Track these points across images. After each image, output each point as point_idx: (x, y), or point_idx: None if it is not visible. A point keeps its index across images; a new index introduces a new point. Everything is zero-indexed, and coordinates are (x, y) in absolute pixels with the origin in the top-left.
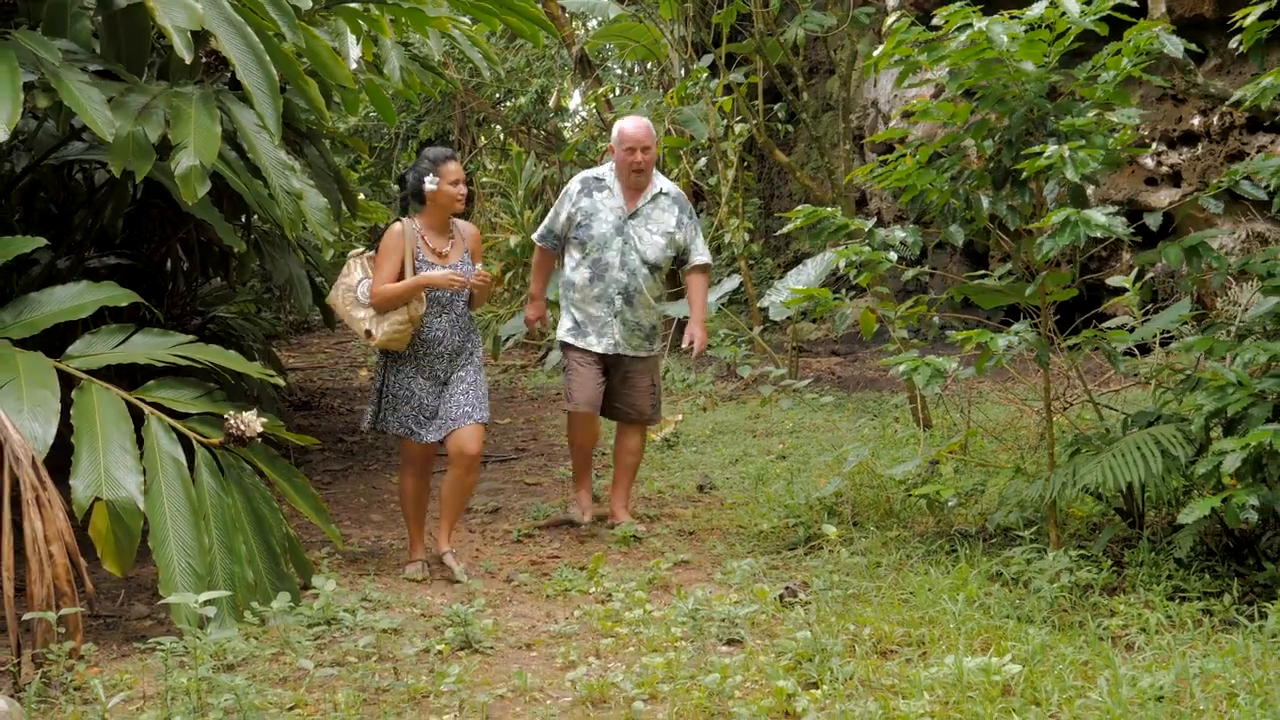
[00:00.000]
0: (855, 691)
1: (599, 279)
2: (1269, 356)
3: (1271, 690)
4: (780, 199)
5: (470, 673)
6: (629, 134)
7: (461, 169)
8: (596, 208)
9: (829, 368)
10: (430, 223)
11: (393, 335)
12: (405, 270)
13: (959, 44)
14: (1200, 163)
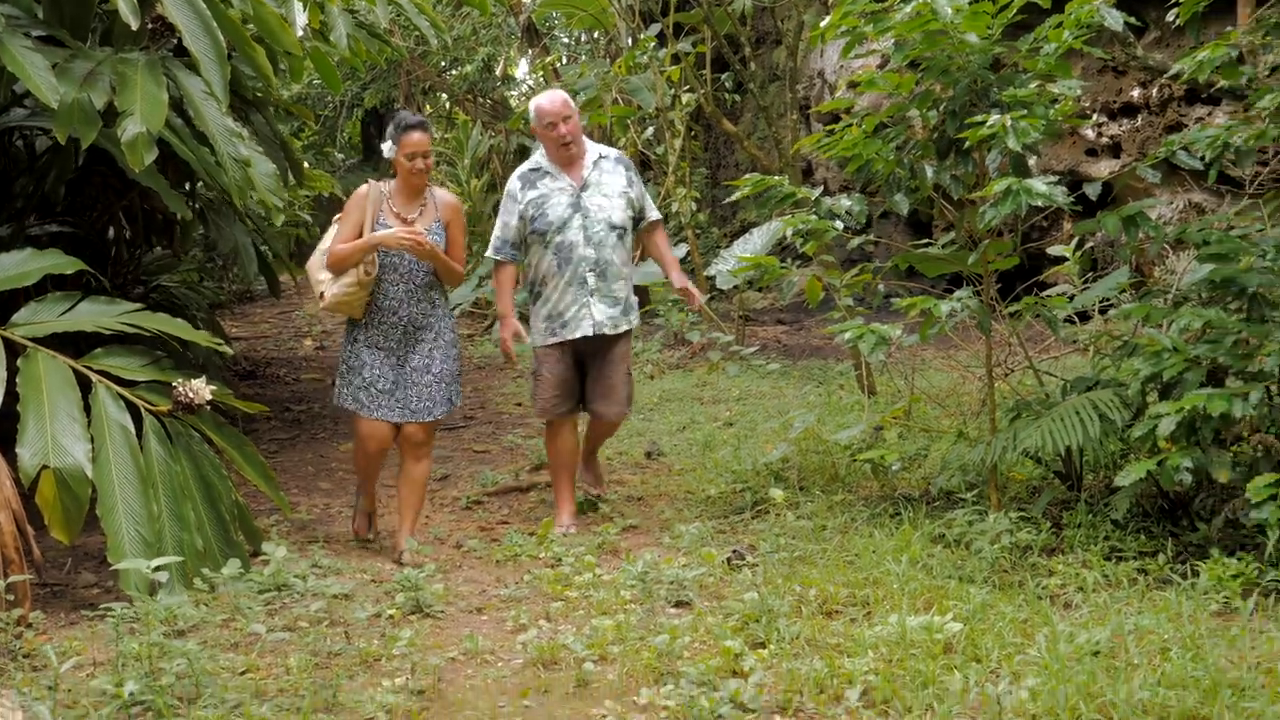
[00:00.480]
0: (802, 651)
1: (566, 262)
2: (1204, 323)
3: (1203, 644)
4: (726, 168)
5: (421, 636)
6: (545, 109)
7: (427, 139)
8: (545, 195)
9: (775, 336)
10: (399, 188)
11: (341, 299)
12: (365, 232)
13: (904, 15)
14: (1140, 134)
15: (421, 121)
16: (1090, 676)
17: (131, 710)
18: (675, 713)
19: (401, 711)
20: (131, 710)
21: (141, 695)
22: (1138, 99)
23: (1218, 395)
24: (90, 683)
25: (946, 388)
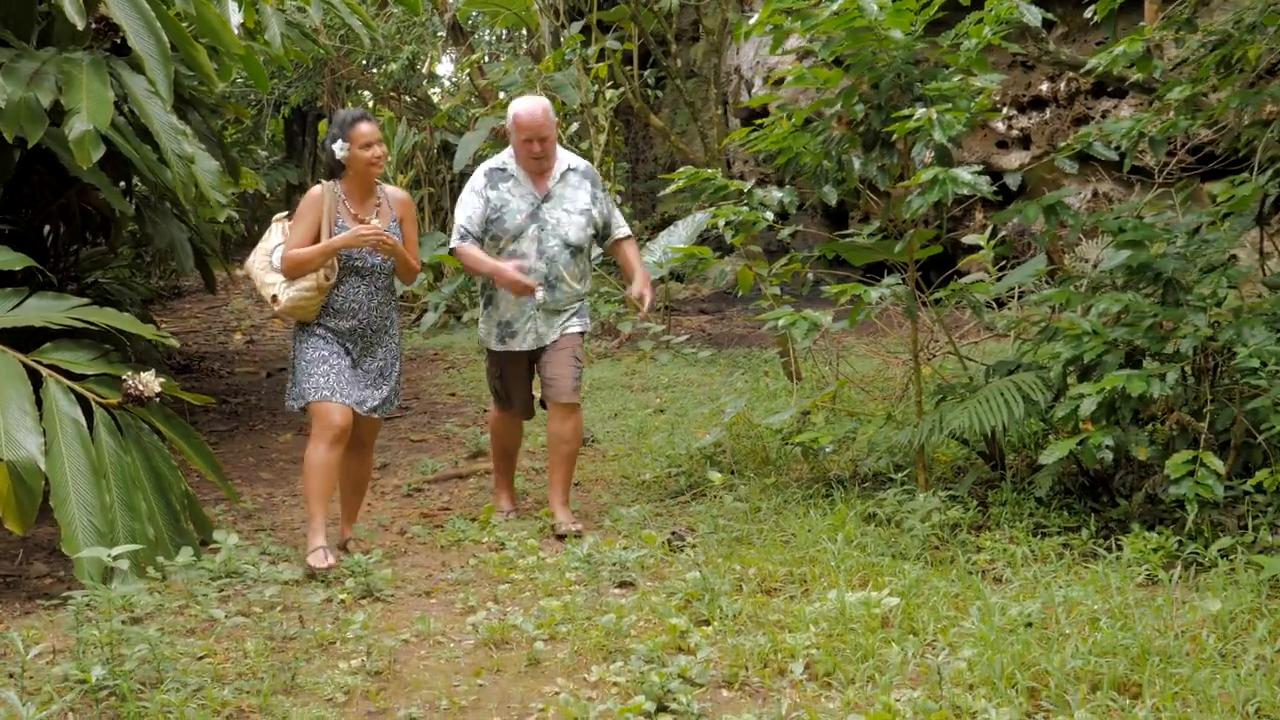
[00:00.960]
0: (744, 627)
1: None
2: (1121, 307)
3: (1130, 614)
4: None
5: (374, 620)
6: (525, 122)
7: (376, 129)
8: (505, 199)
9: (699, 325)
10: (352, 188)
11: (298, 303)
12: (322, 236)
13: (830, 13)
14: (1048, 126)
15: (365, 113)
16: (1024, 646)
17: (97, 695)
18: (626, 688)
19: (359, 692)
20: (97, 695)
21: (105, 680)
22: (1046, 93)
23: (1136, 376)
24: (52, 669)
25: (869, 373)
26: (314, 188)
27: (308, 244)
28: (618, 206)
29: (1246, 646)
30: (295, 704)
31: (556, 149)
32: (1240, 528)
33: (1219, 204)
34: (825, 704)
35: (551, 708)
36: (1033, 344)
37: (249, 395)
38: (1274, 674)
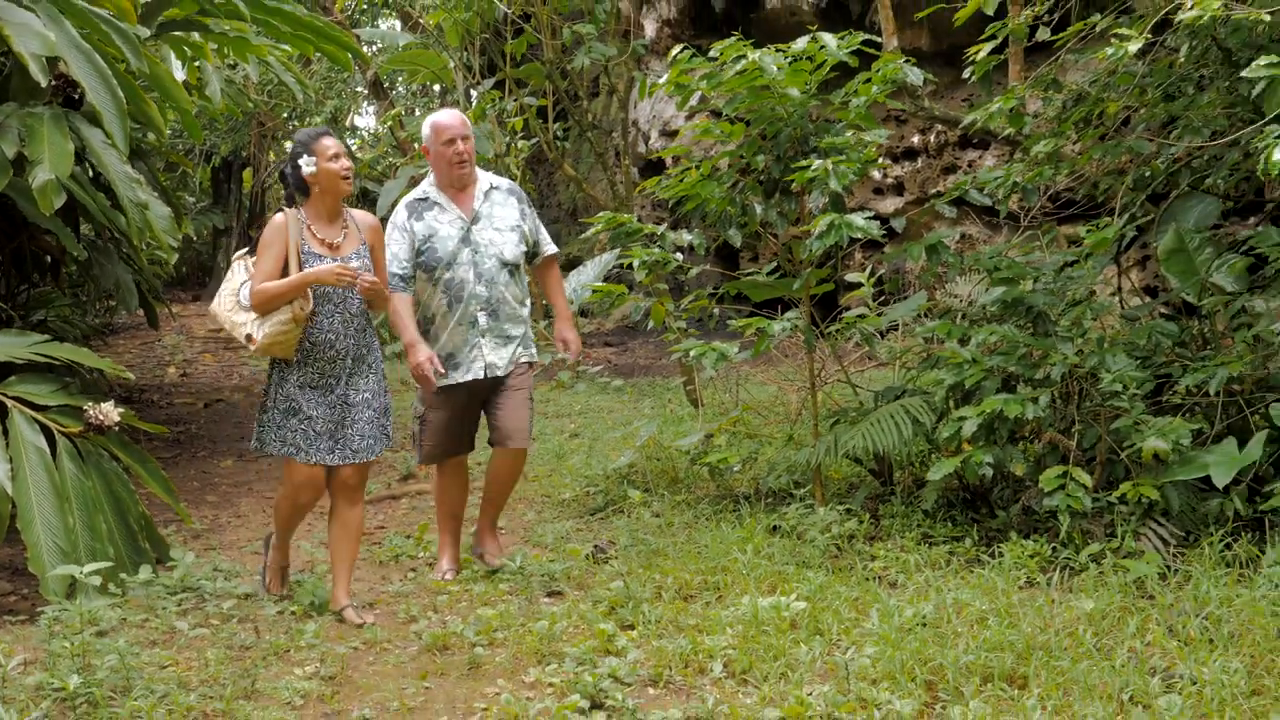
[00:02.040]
0: (666, 631)
1: (456, 301)
2: (997, 337)
3: (1015, 613)
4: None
5: (324, 629)
6: (444, 124)
7: (340, 143)
8: (433, 228)
9: (605, 357)
10: (318, 212)
11: (276, 339)
12: (290, 266)
13: (734, 73)
14: (920, 174)
15: (327, 129)
16: (921, 644)
17: (73, 702)
18: (561, 688)
19: (315, 696)
20: (73, 702)
21: (80, 689)
22: (918, 144)
23: (1012, 400)
24: (25, 679)
25: (767, 399)
26: (275, 216)
27: (276, 276)
28: None
29: (1119, 641)
30: (256, 708)
31: (476, 168)
32: (1107, 535)
33: (1082, 245)
34: (743, 699)
35: (494, 707)
36: (917, 371)
37: (189, 424)
38: (1144, 665)
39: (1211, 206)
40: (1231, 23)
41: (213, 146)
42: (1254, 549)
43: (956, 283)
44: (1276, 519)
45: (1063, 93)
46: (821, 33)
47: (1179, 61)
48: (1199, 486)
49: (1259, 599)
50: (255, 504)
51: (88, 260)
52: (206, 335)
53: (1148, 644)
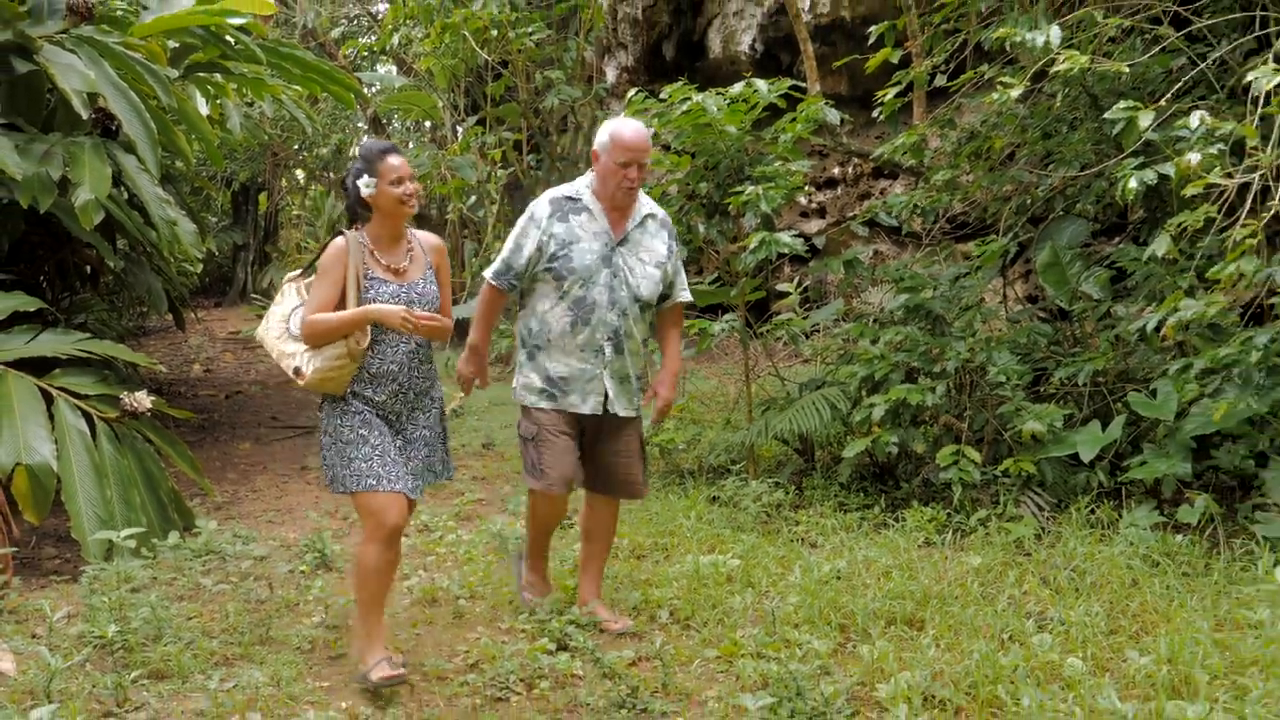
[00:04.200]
0: (622, 584)
1: (583, 323)
2: (902, 337)
3: (914, 568)
4: None
5: (329, 585)
6: (630, 142)
7: (406, 164)
8: (575, 234)
9: None
10: (380, 233)
11: (327, 375)
12: (349, 293)
13: (681, 112)
14: (840, 200)
15: (394, 145)
16: (836, 593)
17: (111, 648)
18: (532, 633)
19: (321, 642)
20: (111, 648)
21: (116, 637)
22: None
23: (914, 389)
24: (69, 629)
25: (708, 390)
26: (336, 239)
27: (332, 305)
28: None
29: (1001, 590)
30: (270, 652)
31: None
32: (993, 503)
33: (973, 259)
34: (686, 641)
35: (474, 649)
36: (835, 366)
37: (212, 412)
38: (1021, 609)
39: (1081, 227)
40: (1097, 73)
41: (233, 173)
42: (1114, 513)
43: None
44: (1133, 489)
45: (958, 130)
46: (755, 79)
47: (1054, 105)
48: (1069, 462)
49: (1117, 554)
50: (270, 480)
51: (123, 270)
52: (227, 337)
53: (1024, 592)
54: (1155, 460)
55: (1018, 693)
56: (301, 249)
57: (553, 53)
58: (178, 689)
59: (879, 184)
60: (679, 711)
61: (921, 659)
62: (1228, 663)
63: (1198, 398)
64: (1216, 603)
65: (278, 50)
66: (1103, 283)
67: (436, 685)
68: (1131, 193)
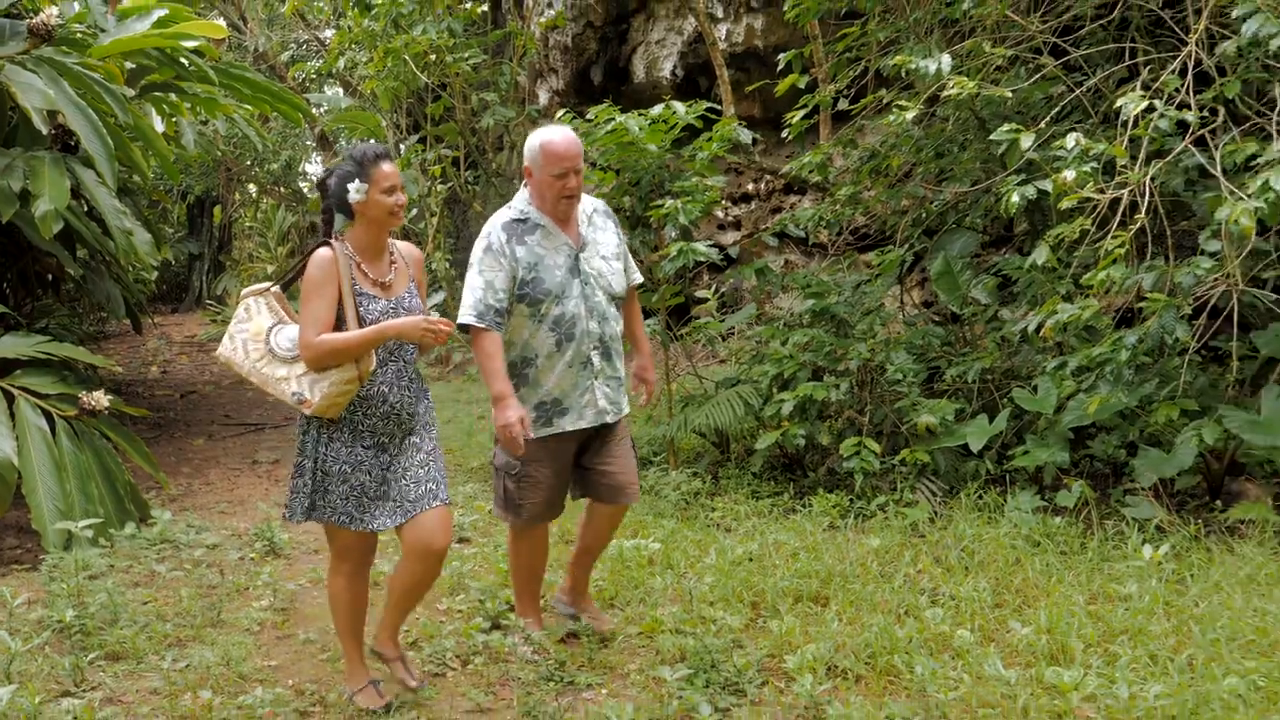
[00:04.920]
0: (552, 567)
1: (567, 339)
2: (809, 338)
3: (820, 549)
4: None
5: (277, 571)
6: (561, 151)
7: (398, 172)
8: (536, 254)
9: None
10: (363, 244)
11: (335, 400)
12: (346, 309)
13: (605, 132)
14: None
15: (387, 150)
16: (748, 574)
17: (69, 632)
18: (468, 613)
19: (269, 624)
20: (69, 632)
21: (74, 621)
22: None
23: (820, 386)
24: (29, 615)
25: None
26: (321, 250)
27: (332, 323)
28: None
29: (898, 568)
30: (221, 633)
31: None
32: (891, 489)
33: (873, 268)
34: (611, 618)
35: (414, 628)
36: (748, 365)
37: (168, 411)
38: (916, 586)
39: (971, 239)
40: (984, 98)
41: (188, 187)
42: (999, 498)
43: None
44: (1016, 476)
45: (859, 150)
46: (675, 102)
47: (946, 127)
48: (959, 451)
49: (1002, 535)
50: (222, 474)
51: (83, 277)
52: (183, 340)
53: (919, 571)
54: (1036, 450)
55: (912, 662)
56: (253, 258)
57: (488, 76)
58: (133, 669)
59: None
60: (603, 683)
61: (826, 632)
62: (1100, 632)
63: (1074, 393)
64: (1091, 578)
65: (229, 72)
66: (990, 289)
67: (377, 662)
68: (1014, 207)
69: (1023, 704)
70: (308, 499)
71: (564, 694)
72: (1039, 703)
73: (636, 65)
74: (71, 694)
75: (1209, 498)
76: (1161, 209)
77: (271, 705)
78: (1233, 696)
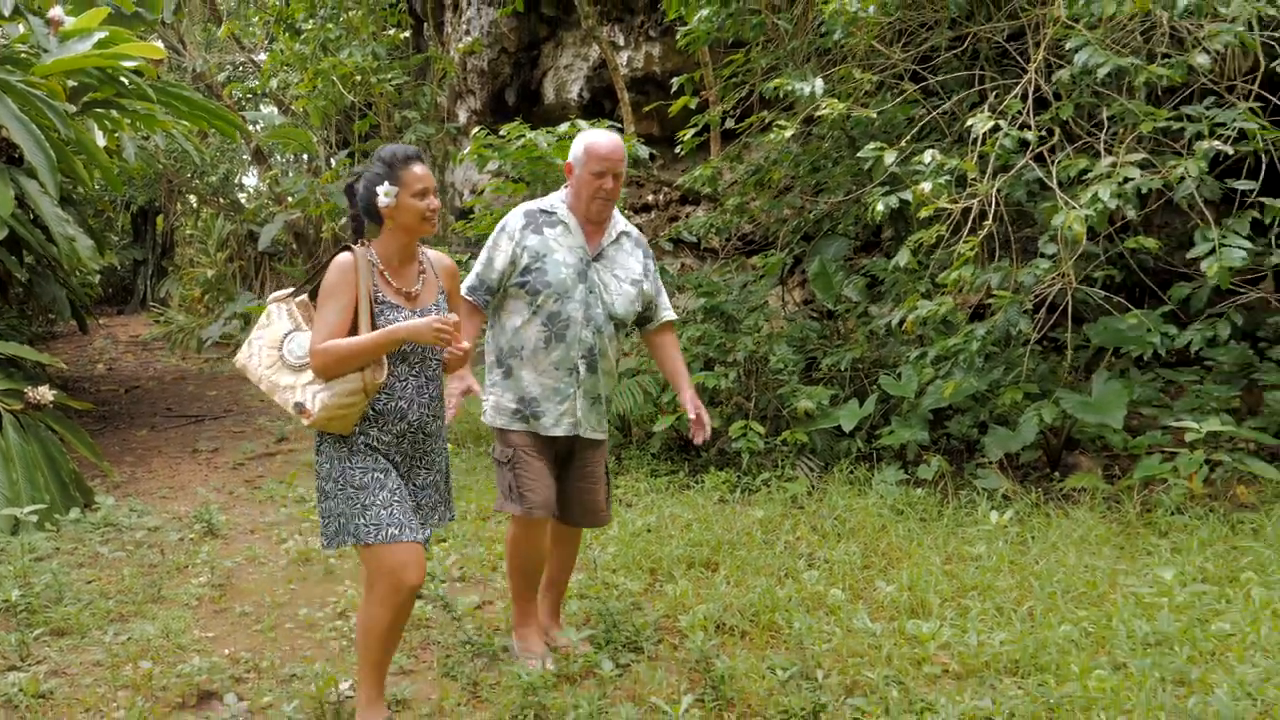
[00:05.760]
0: (469, 542)
1: (558, 339)
2: (701, 333)
3: (711, 520)
4: None
5: (215, 550)
6: (602, 151)
7: (430, 174)
8: (549, 247)
9: None
10: (390, 251)
11: (337, 413)
12: (360, 317)
13: (517, 147)
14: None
15: (418, 151)
16: (647, 543)
17: (15, 611)
18: None
19: (207, 599)
20: (15, 611)
21: (20, 600)
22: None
23: (711, 375)
24: None
25: None
26: (342, 255)
27: (345, 331)
28: None
29: (779, 536)
30: (161, 608)
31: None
32: (774, 466)
33: (758, 270)
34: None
35: (341, 600)
36: (647, 357)
37: (113, 405)
38: (795, 552)
39: (844, 244)
40: (853, 119)
41: (131, 197)
42: (868, 473)
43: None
44: (883, 453)
45: (745, 164)
46: (580, 120)
47: (821, 145)
48: (834, 432)
49: (870, 505)
50: (164, 462)
51: (30, 281)
52: (128, 340)
53: (798, 538)
54: (900, 429)
55: (791, 619)
56: (194, 264)
57: (410, 96)
58: (77, 643)
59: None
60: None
61: (715, 594)
62: (954, 588)
63: (933, 379)
64: (946, 541)
65: (168, 90)
66: (860, 288)
67: (309, 631)
68: (880, 215)
69: (887, 652)
70: (347, 520)
71: (479, 655)
72: (901, 651)
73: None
74: (17, 668)
75: (1049, 469)
76: (1006, 217)
77: (208, 673)
78: (1066, 641)
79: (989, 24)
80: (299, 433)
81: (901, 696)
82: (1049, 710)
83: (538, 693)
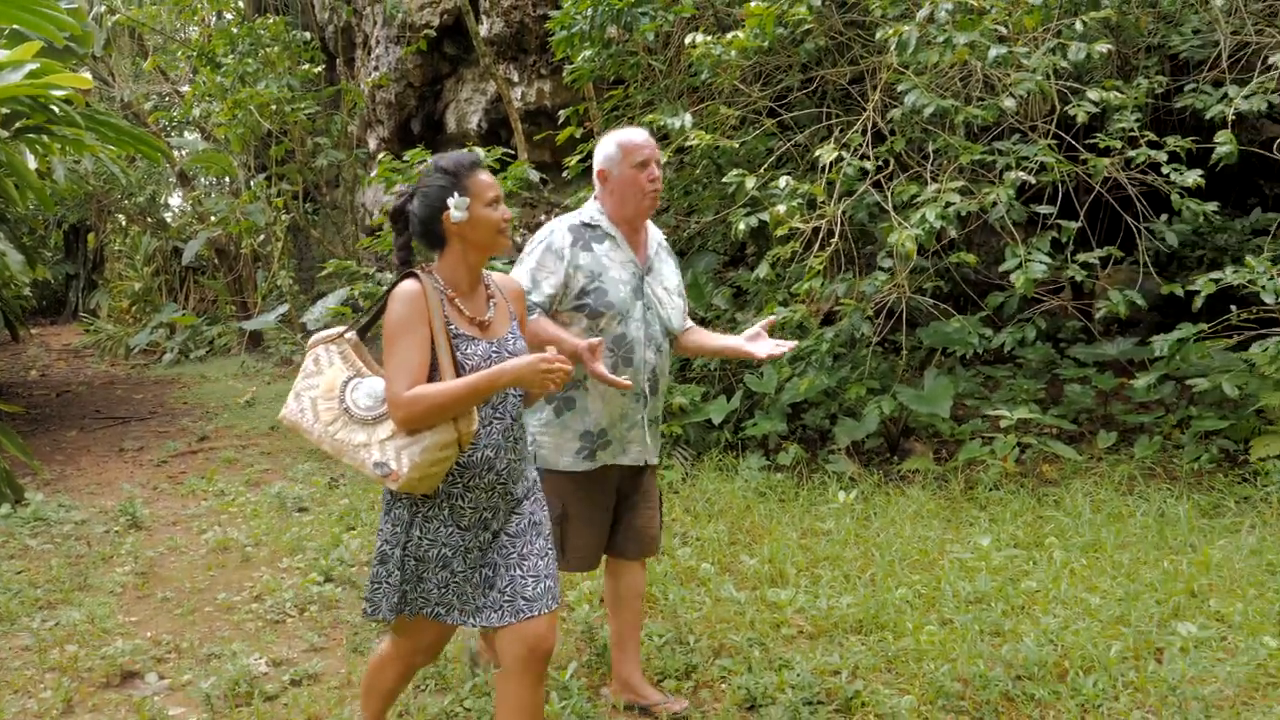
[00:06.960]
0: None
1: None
2: None
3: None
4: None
5: (139, 542)
6: (639, 139)
7: (497, 182)
8: (603, 264)
9: None
10: (457, 274)
11: (430, 470)
12: (439, 354)
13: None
14: None
15: (479, 158)
16: None
17: None
18: (305, 570)
19: (131, 586)
20: None
21: None
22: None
23: None
24: None
25: None
26: (406, 283)
27: (426, 371)
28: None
29: None
30: (87, 596)
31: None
32: None
33: None
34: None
35: (258, 585)
36: None
37: (44, 408)
38: (671, 531)
39: (713, 258)
40: (720, 149)
41: (63, 216)
42: (735, 460)
43: None
44: (748, 442)
45: None
46: (478, 148)
47: (693, 171)
48: (705, 424)
49: (736, 489)
50: (92, 460)
51: None
52: (60, 348)
53: (673, 519)
54: (763, 421)
55: (667, 590)
56: (122, 277)
57: (323, 125)
58: (6, 630)
59: None
60: None
61: (598, 572)
62: (808, 559)
63: (790, 377)
64: (802, 519)
65: (96, 117)
66: (727, 297)
67: (227, 614)
68: (742, 233)
69: (750, 618)
70: (397, 591)
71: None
72: (762, 616)
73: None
74: None
75: (888, 454)
76: (850, 235)
77: (131, 654)
78: (902, 602)
79: (834, 69)
80: (220, 431)
81: (762, 656)
82: (888, 662)
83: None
